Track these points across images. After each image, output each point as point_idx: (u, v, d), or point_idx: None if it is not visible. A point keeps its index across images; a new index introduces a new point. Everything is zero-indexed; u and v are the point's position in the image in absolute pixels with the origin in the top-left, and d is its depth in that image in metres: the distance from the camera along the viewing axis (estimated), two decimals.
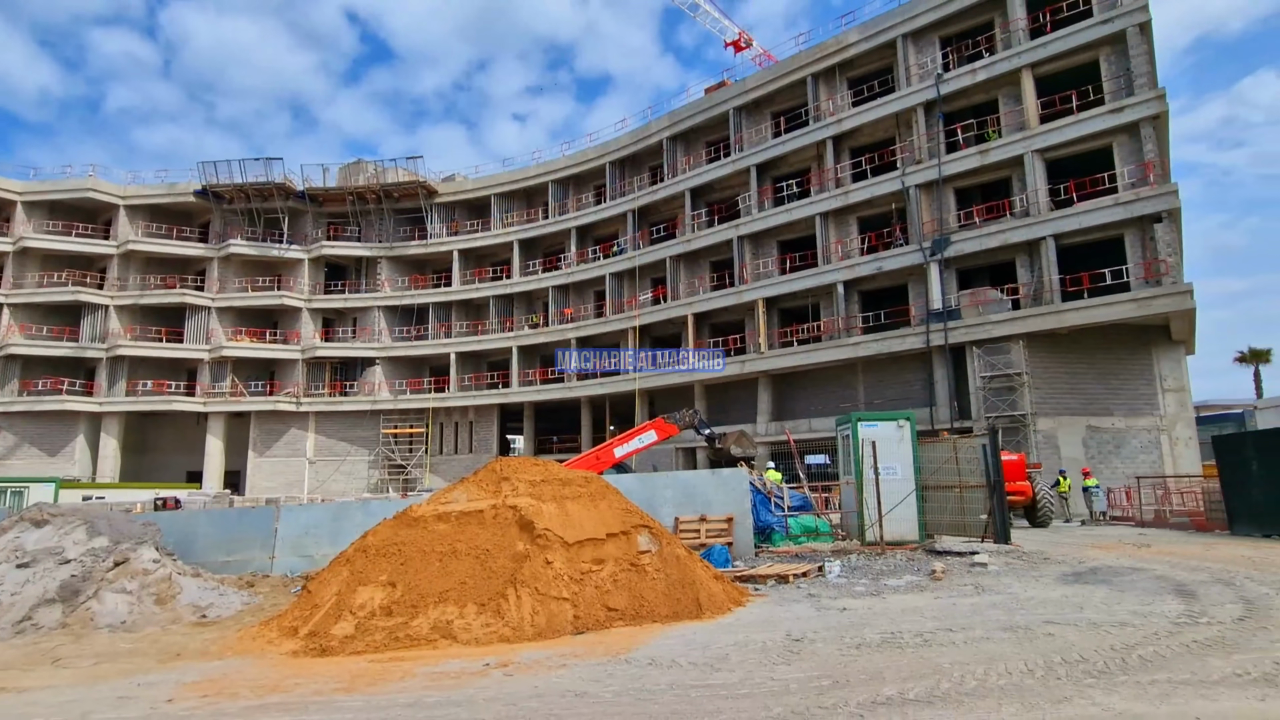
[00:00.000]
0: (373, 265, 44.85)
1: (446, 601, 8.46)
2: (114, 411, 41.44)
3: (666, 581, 8.73)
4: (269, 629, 8.95)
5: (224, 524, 13.27)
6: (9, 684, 7.38)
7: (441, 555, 9.10)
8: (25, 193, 42.69)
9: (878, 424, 13.04)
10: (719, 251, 35.24)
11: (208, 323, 42.95)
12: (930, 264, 27.46)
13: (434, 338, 43.05)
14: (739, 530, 12.11)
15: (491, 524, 9.44)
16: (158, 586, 10.65)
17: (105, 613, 9.88)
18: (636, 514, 9.73)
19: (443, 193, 44.48)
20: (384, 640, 7.99)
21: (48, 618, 9.64)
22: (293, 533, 13.06)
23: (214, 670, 7.54)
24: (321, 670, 7.26)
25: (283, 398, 42.49)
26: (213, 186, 42.65)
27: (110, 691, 6.93)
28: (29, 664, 8.24)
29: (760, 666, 6.21)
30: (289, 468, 42.70)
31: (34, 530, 11.26)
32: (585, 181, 41.80)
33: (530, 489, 9.83)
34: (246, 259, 43.89)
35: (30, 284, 42.37)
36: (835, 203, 30.53)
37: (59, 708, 6.47)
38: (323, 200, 44.63)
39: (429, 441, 42.22)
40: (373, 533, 9.82)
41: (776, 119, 34.12)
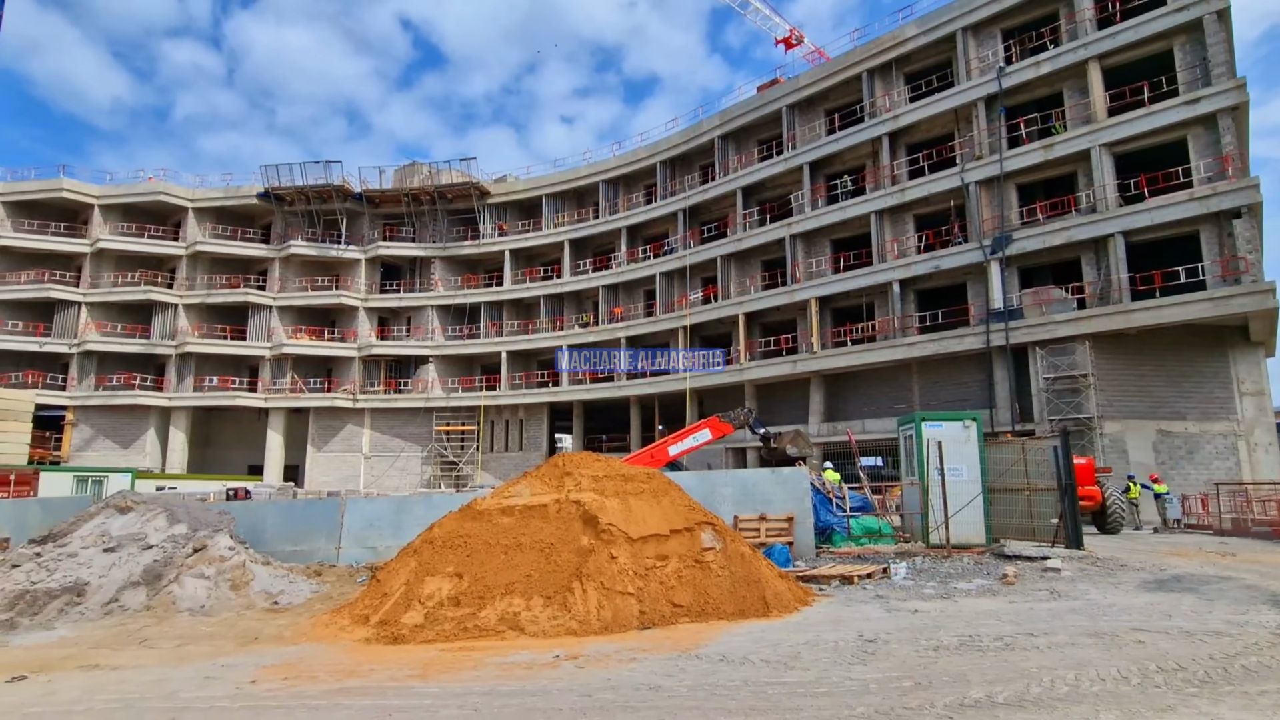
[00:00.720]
0: (426, 265, 45.72)
1: (513, 594, 8.55)
2: (182, 406, 43.13)
3: (731, 579, 8.66)
4: (340, 616, 9.17)
5: (291, 515, 13.67)
6: (102, 661, 7.72)
7: (506, 548, 9.20)
8: (102, 197, 44.75)
9: (942, 424, 12.71)
10: (770, 250, 34.91)
11: (269, 321, 44.35)
12: (991, 262, 26.72)
13: (485, 336, 43.66)
14: (800, 530, 11.94)
15: (555, 518, 9.50)
16: (233, 573, 11.02)
17: (185, 597, 10.27)
18: (699, 511, 9.68)
19: (495, 193, 45.10)
20: (453, 630, 8.11)
21: (133, 600, 10.07)
22: (357, 525, 13.38)
23: (291, 654, 7.75)
24: (394, 657, 7.40)
25: (340, 394, 43.62)
26: (274, 189, 44.03)
27: (195, 672, 7.18)
28: (118, 643, 8.61)
29: (835, 666, 6.11)
30: (345, 462, 43.82)
31: (119, 516, 11.78)
32: (635, 181, 41.87)
33: (593, 484, 9.87)
34: (306, 259, 45.20)
35: (106, 284, 44.38)
36: (891, 200, 29.94)
37: (149, 685, 6.74)
38: (379, 202, 45.67)
39: (480, 439, 42.83)
40: (439, 525, 9.98)
41: (830, 116, 33.64)
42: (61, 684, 6.91)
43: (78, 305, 43.52)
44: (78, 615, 9.82)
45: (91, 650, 8.27)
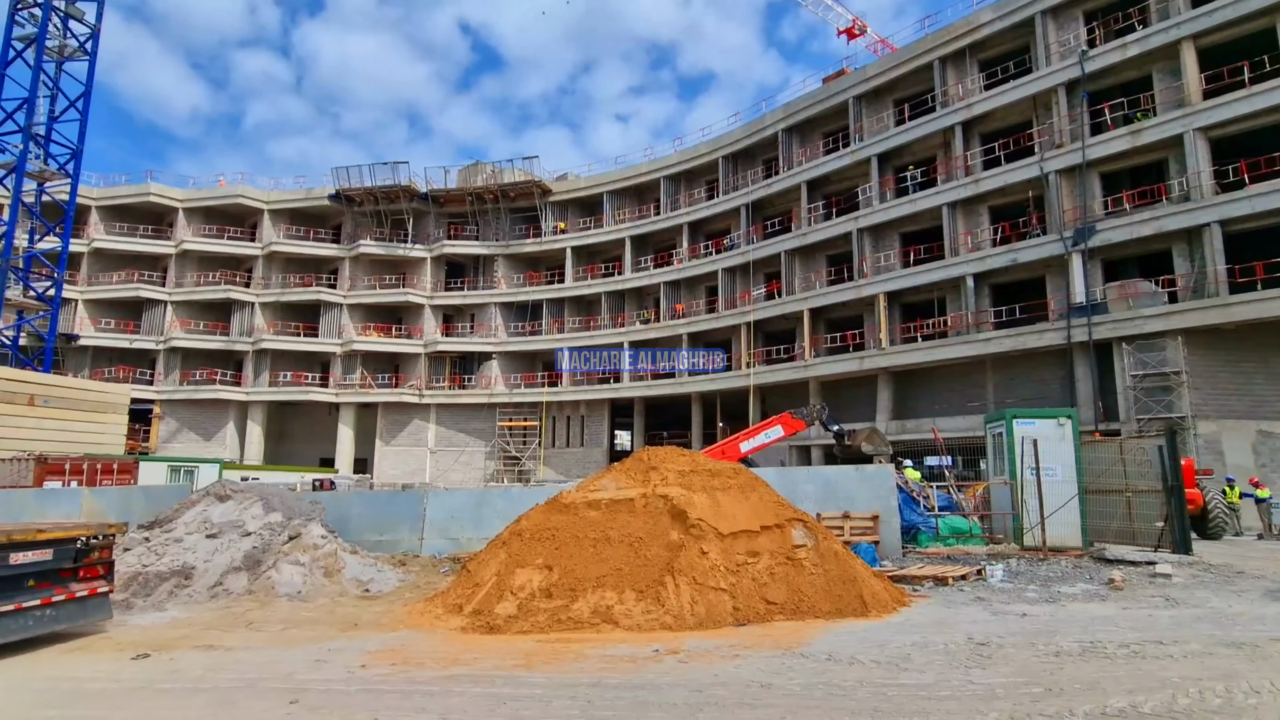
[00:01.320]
0: (490, 263, 46.45)
1: (604, 587, 8.55)
2: (259, 401, 44.90)
3: (826, 577, 8.48)
4: (434, 605, 9.34)
5: (376, 506, 14.01)
6: (216, 642, 8.03)
7: (595, 541, 9.21)
8: (185, 200, 46.88)
9: (1035, 422, 12.21)
10: (836, 245, 34.25)
11: (340, 319, 45.75)
12: (1072, 254, 25.61)
13: (547, 333, 44.12)
14: (885, 529, 11.64)
15: (642, 512, 9.47)
16: (326, 561, 11.36)
17: (283, 582, 10.63)
18: (788, 507, 9.52)
19: (556, 191, 45.49)
20: (547, 622, 8.16)
21: (236, 584, 10.47)
22: (439, 517, 13.63)
23: (392, 641, 7.92)
24: (494, 647, 7.48)
25: (406, 390, 44.71)
26: (345, 190, 45.35)
27: (304, 655, 7.40)
28: (227, 625, 8.95)
29: (951, 669, 5.89)
30: (412, 456, 44.90)
31: (218, 504, 12.27)
32: (697, 177, 41.64)
33: (679, 479, 9.80)
34: (374, 258, 46.44)
35: (189, 283, 46.49)
36: (964, 191, 29.00)
37: (265, 666, 6.97)
38: (443, 201, 46.60)
39: (542, 434, 43.31)
40: (526, 518, 10.06)
41: (899, 106, 32.78)
42: (182, 662, 7.21)
43: (164, 304, 45.71)
44: (186, 597, 10.26)
45: (203, 631, 8.63)
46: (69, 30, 25.25)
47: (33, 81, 23.83)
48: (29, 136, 23.66)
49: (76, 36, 25.33)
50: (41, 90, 24.41)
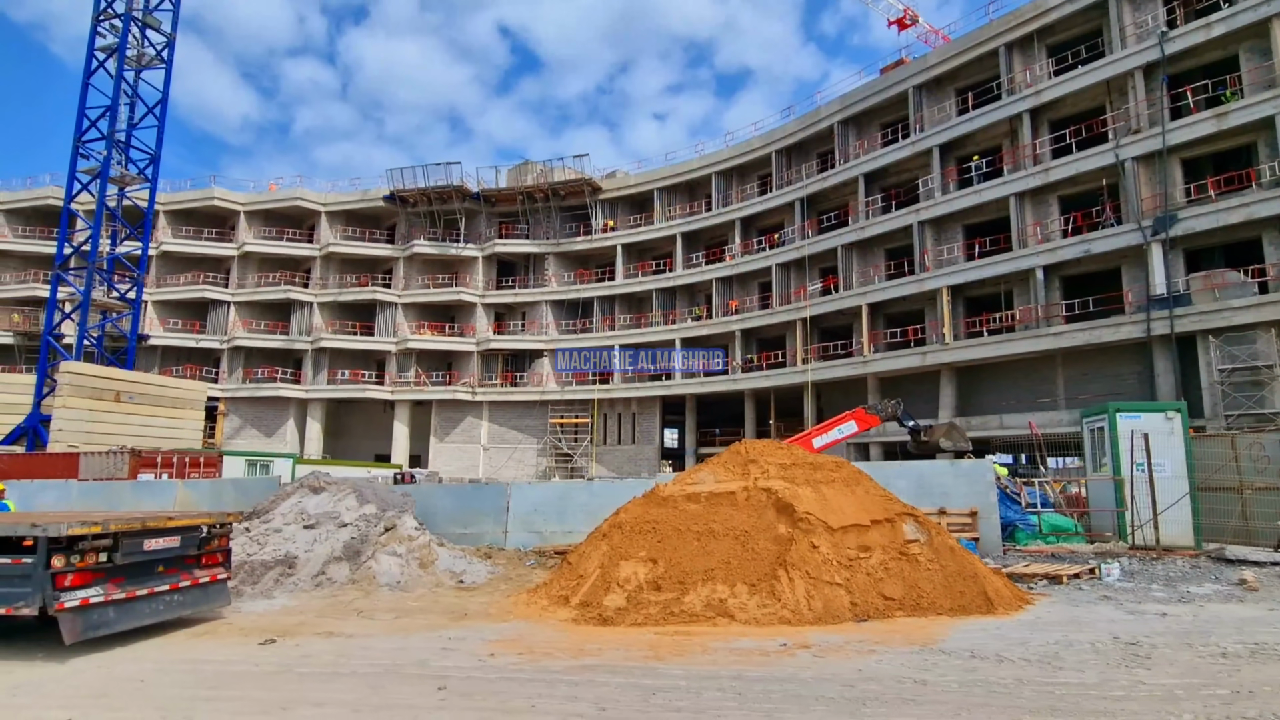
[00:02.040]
0: (540, 261, 46.73)
1: (713, 580, 8.45)
2: (318, 398, 45.93)
3: (943, 573, 8.25)
4: (538, 596, 9.35)
5: (460, 499, 14.14)
6: (334, 630, 8.15)
7: (699, 534, 9.12)
8: (246, 204, 48.16)
9: (1141, 415, 11.72)
10: (895, 238, 33.58)
11: (394, 317, 46.53)
12: (1151, 244, 24.65)
13: (598, 330, 44.21)
14: (984, 526, 11.31)
15: (745, 505, 9.35)
16: (420, 552, 11.49)
17: (382, 572, 10.77)
18: (896, 501, 9.31)
19: (606, 189, 45.53)
20: (659, 614, 8.09)
21: (338, 574, 10.64)
22: (522, 510, 13.70)
23: (508, 631, 7.94)
24: (612, 638, 7.43)
25: (460, 388, 45.25)
26: (399, 191, 46.07)
27: (426, 643, 7.45)
28: (338, 614, 9.09)
29: (1112, 669, 5.64)
30: (465, 453, 45.45)
31: (313, 496, 12.52)
32: (749, 172, 41.25)
33: (781, 472, 9.66)
34: (428, 258, 47.10)
35: (250, 284, 47.77)
36: (1033, 181, 28.13)
37: (393, 652, 7.03)
38: (495, 200, 47.02)
39: (593, 431, 43.43)
40: (624, 510, 10.02)
41: (962, 95, 31.96)
42: (310, 648, 7.32)
43: (227, 305, 47.05)
44: (292, 585, 10.47)
45: (318, 619, 8.77)
46: (146, 39, 26.12)
47: (114, 90, 24.74)
48: (111, 143, 24.57)
49: (153, 45, 26.22)
50: (121, 98, 25.29)
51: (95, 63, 25.14)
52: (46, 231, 47.24)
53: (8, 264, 47.26)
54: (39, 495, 16.39)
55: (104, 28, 25.32)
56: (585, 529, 13.40)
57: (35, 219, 47.81)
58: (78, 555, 7.19)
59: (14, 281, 46.70)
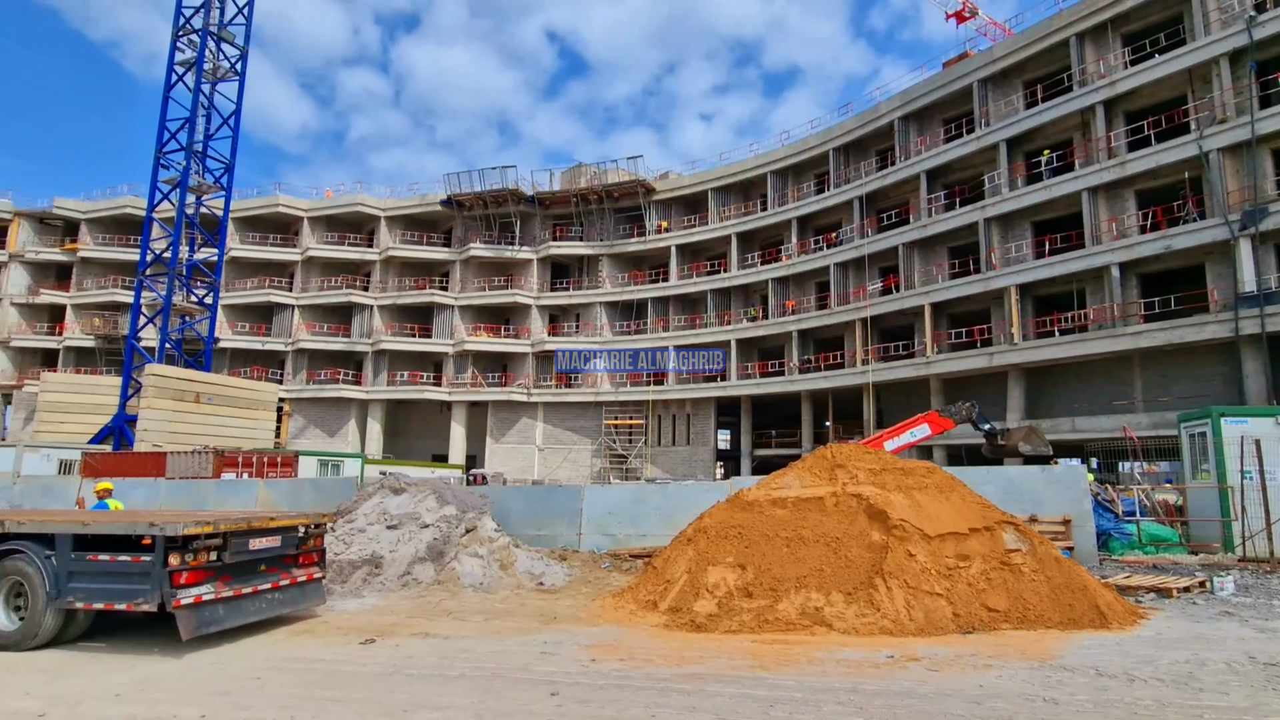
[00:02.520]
0: (594, 263, 46.97)
1: (806, 588, 8.30)
2: (378, 399, 47.03)
3: (1050, 584, 7.93)
4: (625, 601, 9.33)
5: (533, 501, 14.23)
6: (430, 630, 8.25)
7: (787, 540, 8.97)
8: (309, 210, 49.62)
9: (1248, 420, 11.12)
10: (959, 236, 32.73)
11: (451, 320, 47.33)
12: (1239, 239, 23.46)
13: (652, 331, 44.20)
14: (1079, 534, 10.87)
15: (834, 511, 9.16)
16: (501, 554, 11.59)
17: (466, 573, 10.90)
18: (994, 509, 9.00)
19: (660, 190, 45.51)
20: (753, 622, 7.98)
21: (423, 574, 10.80)
22: (595, 513, 13.71)
23: (601, 636, 7.92)
24: (709, 646, 7.35)
25: (515, 389, 45.78)
26: (455, 195, 46.88)
27: (523, 646, 7.48)
28: (428, 614, 9.22)
29: (1259, 691, 5.33)
30: (521, 454, 45.94)
31: (393, 496, 12.75)
32: (805, 170, 40.75)
33: (871, 477, 9.44)
34: (483, 261, 47.81)
35: (313, 288, 49.19)
36: (1108, 175, 27.07)
37: (493, 655, 7.07)
38: (549, 203, 47.46)
39: (648, 433, 43.43)
40: (709, 515, 9.92)
41: (1030, 88, 30.97)
42: (410, 649, 7.42)
43: (291, 308, 48.52)
44: (379, 585, 10.67)
45: (410, 619, 8.90)
46: (221, 53, 27.11)
47: (193, 102, 25.77)
48: (190, 154, 25.59)
49: (228, 58, 27.22)
50: (198, 110, 26.31)
51: (175, 77, 26.24)
52: (125, 239, 49.44)
53: (89, 271, 49.61)
54: (130, 493, 17.07)
55: (182, 43, 26.41)
56: (659, 532, 13.39)
57: (114, 227, 50.06)
58: (191, 554, 7.43)
59: (95, 287, 48.97)
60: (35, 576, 7.53)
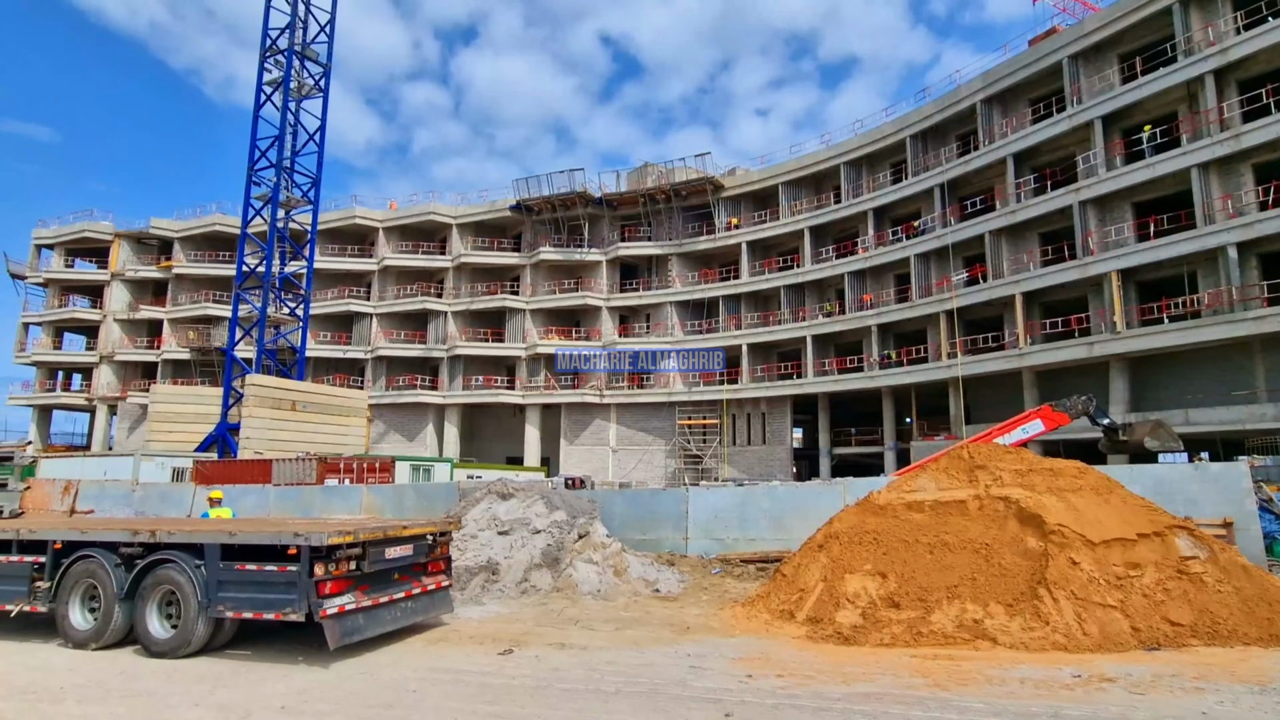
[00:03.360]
0: (663, 262, 46.68)
1: (958, 598, 7.79)
2: (454, 403, 47.88)
3: (1239, 596, 7.23)
4: (757, 609, 8.99)
5: (636, 504, 14.02)
6: (564, 640, 8.08)
7: (930, 547, 8.48)
8: (385, 220, 50.90)
9: None
10: (1050, 221, 31.11)
11: (523, 324, 47.80)
12: None
13: (724, 330, 43.64)
14: (1242, 539, 9.97)
15: (979, 516, 8.62)
16: (614, 560, 11.40)
17: (583, 580, 10.75)
18: (1162, 512, 8.31)
19: (728, 186, 44.91)
20: (905, 634, 7.53)
21: (541, 581, 10.70)
22: (701, 516, 13.41)
23: (745, 647, 7.59)
24: (868, 660, 6.94)
25: (588, 390, 45.86)
26: (525, 200, 47.32)
27: (667, 659, 7.22)
28: (554, 623, 9.07)
29: None
30: (595, 455, 46.03)
31: (501, 502, 12.73)
32: (879, 160, 39.50)
33: (1017, 479, 8.85)
34: (553, 264, 48.12)
35: (390, 296, 50.44)
36: (1220, 149, 25.21)
37: (642, 669, 6.81)
38: (617, 204, 47.41)
39: (723, 432, 42.92)
40: (838, 520, 9.50)
41: (1126, 61, 29.17)
42: (551, 660, 7.25)
43: (369, 316, 49.86)
44: (498, 592, 10.62)
45: (539, 628, 8.77)
46: (306, 70, 27.99)
47: (281, 120, 26.68)
48: (280, 170, 26.51)
49: (312, 75, 28.08)
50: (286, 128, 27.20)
51: (263, 96, 27.22)
52: (215, 255, 51.73)
53: (183, 286, 52.08)
54: (240, 499, 17.66)
55: (269, 64, 27.37)
56: (769, 536, 13.01)
57: (205, 244, 52.43)
58: (334, 563, 7.45)
59: (188, 302, 51.39)
60: (187, 586, 7.68)
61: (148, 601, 7.92)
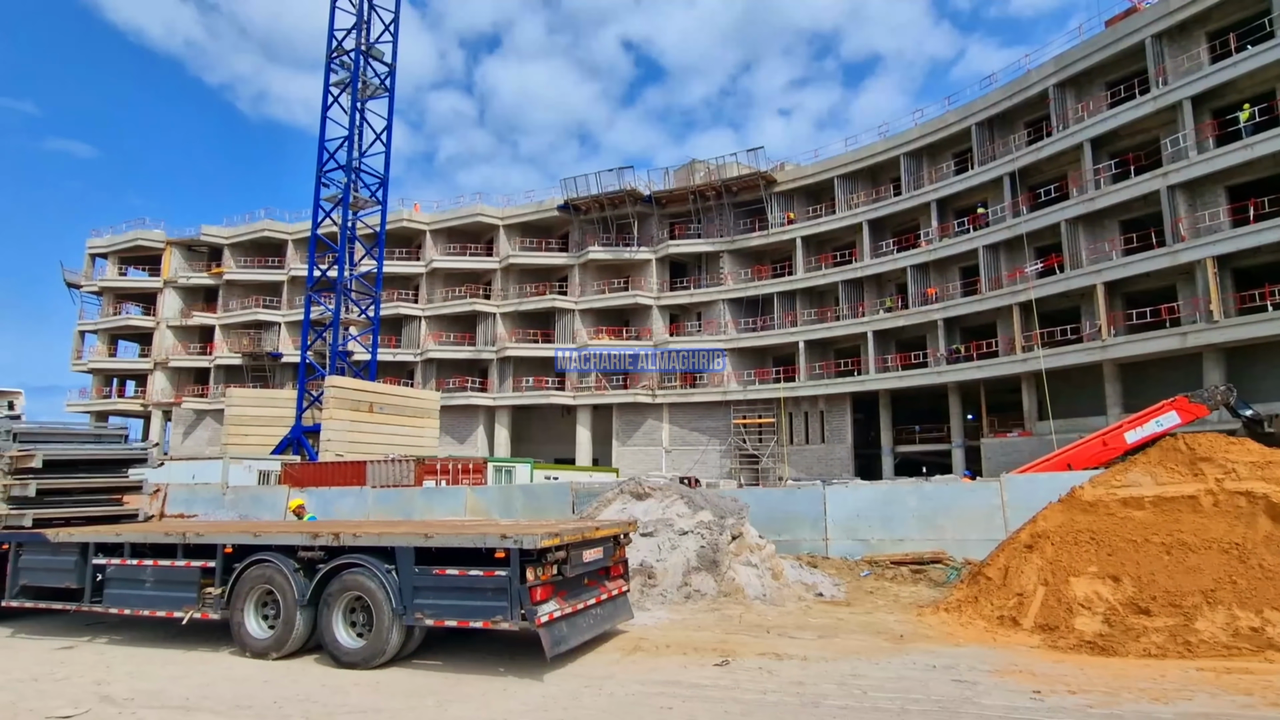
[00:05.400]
0: (713, 260, 46.00)
1: (1219, 604, 7.07)
2: (504, 405, 47.59)
3: None
4: (965, 615, 8.30)
5: (769, 503, 13.39)
6: (781, 651, 7.48)
7: (1165, 547, 7.76)
8: (431, 223, 50.79)
9: None
10: (1132, 208, 29.97)
11: (572, 324, 47.38)
12: None
13: (780, 327, 42.84)
14: None
15: (1215, 513, 7.89)
16: (771, 562, 10.78)
17: (746, 584, 10.14)
18: None
19: (781, 181, 44.15)
20: (1170, 644, 6.82)
21: (703, 585, 10.10)
22: (842, 515, 12.76)
23: (992, 659, 6.91)
24: (1148, 673, 6.24)
25: (640, 390, 45.30)
26: (573, 200, 46.93)
27: (916, 671, 6.58)
28: (745, 631, 8.47)
29: None
30: (648, 456, 45.44)
31: (637, 502, 12.16)
32: (941, 150, 38.53)
33: (1255, 471, 8.09)
34: (602, 263, 47.65)
35: (438, 299, 50.30)
36: None
37: (900, 684, 6.17)
38: (665, 202, 46.84)
39: (779, 431, 42.13)
40: (1043, 519, 8.79)
41: (1217, 39, 28.02)
42: (785, 672, 6.64)
43: (419, 319, 49.76)
44: (659, 597, 10.04)
45: (732, 635, 8.16)
46: (371, 69, 27.76)
47: (350, 120, 26.47)
48: (350, 171, 26.29)
49: (377, 74, 27.84)
50: (353, 128, 26.98)
51: (330, 98, 27.04)
52: (264, 261, 51.99)
53: (233, 292, 52.39)
54: (336, 502, 17.32)
55: (336, 64, 27.18)
56: (919, 536, 12.31)
57: (253, 250, 52.72)
58: (541, 567, 6.92)
59: (239, 308, 51.67)
60: (379, 592, 7.19)
61: (333, 609, 7.44)
